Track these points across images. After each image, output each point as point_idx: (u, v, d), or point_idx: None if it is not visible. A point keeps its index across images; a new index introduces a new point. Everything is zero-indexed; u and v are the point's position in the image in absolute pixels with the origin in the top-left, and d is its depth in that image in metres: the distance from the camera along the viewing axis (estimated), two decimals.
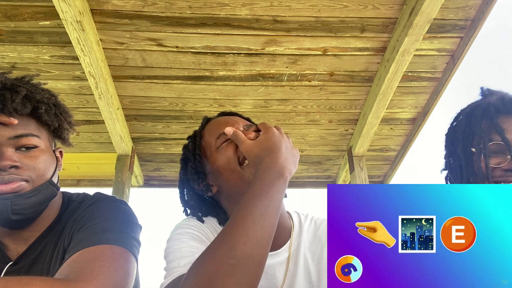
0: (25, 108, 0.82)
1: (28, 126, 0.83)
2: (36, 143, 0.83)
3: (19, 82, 0.85)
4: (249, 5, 1.95)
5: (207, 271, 0.58)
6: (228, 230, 0.63)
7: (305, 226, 0.90)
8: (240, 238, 0.60)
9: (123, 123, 2.56)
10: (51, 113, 0.88)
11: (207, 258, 0.60)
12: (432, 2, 1.74)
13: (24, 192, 0.79)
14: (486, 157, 0.83)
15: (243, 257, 0.59)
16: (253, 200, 0.66)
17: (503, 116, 0.86)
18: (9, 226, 0.83)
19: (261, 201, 0.65)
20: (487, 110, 0.89)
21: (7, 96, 0.80)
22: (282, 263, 0.83)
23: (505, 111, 0.87)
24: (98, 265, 0.69)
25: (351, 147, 2.77)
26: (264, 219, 0.64)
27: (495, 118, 0.86)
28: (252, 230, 0.62)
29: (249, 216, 0.63)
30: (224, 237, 0.62)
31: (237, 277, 0.57)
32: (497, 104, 0.88)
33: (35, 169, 0.81)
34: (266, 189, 0.67)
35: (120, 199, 0.93)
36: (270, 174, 0.70)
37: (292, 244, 0.86)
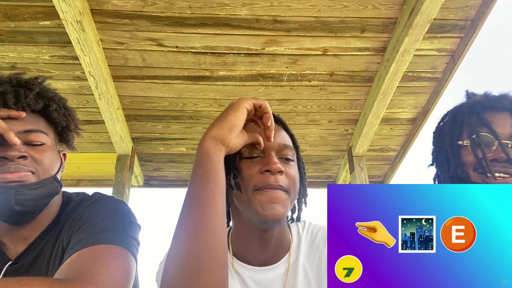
0: (37, 104, 0.85)
1: (38, 123, 0.86)
2: (43, 140, 0.85)
3: (33, 81, 0.89)
4: (249, 5, 1.95)
5: (164, 279, 0.61)
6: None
7: (303, 237, 0.88)
8: (182, 240, 0.62)
9: (123, 123, 2.56)
10: (61, 113, 0.91)
11: (164, 268, 0.63)
12: (432, 2, 1.74)
13: (29, 183, 0.80)
14: (479, 147, 0.88)
15: (189, 259, 0.59)
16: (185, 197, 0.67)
17: (488, 111, 0.91)
18: (10, 220, 0.83)
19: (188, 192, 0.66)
20: (473, 107, 0.94)
21: (21, 92, 0.84)
22: (280, 276, 0.81)
23: (490, 107, 0.92)
24: (97, 265, 0.69)
25: (351, 147, 2.78)
26: (191, 216, 0.63)
27: (481, 113, 0.91)
28: (188, 232, 0.62)
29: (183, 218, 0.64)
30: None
31: (189, 278, 0.58)
32: (482, 101, 0.94)
33: (42, 162, 0.83)
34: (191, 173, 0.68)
35: (119, 199, 0.93)
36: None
37: (291, 257, 0.84)
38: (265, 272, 0.81)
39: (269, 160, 0.75)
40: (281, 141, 0.80)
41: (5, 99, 0.81)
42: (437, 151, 1.04)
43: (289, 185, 0.76)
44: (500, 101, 0.93)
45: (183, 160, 2.99)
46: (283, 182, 0.75)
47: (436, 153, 1.04)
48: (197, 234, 0.60)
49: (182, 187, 3.22)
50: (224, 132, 0.70)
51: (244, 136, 0.75)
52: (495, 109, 0.92)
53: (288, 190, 0.76)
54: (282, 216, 0.75)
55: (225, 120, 0.72)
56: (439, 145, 1.02)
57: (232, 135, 0.71)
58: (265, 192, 0.74)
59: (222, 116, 0.73)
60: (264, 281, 0.80)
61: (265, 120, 0.76)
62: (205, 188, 0.65)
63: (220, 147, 0.70)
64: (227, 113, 0.73)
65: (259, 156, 0.78)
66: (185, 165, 3.04)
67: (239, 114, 0.73)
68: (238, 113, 0.73)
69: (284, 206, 0.75)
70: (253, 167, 0.76)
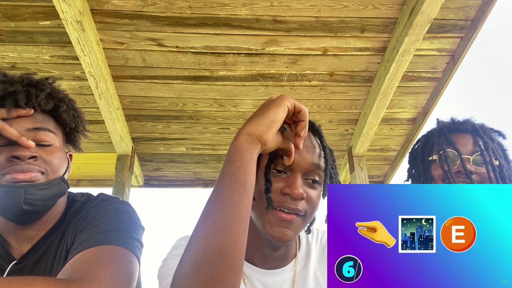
0: (47, 104, 0.87)
1: (48, 123, 0.87)
2: (52, 140, 0.86)
3: (43, 81, 0.90)
4: (249, 5, 1.95)
5: (177, 277, 0.58)
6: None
7: (313, 244, 0.86)
8: (198, 242, 0.58)
9: (123, 123, 2.56)
10: (70, 114, 0.93)
11: (178, 265, 0.60)
12: (432, 2, 1.74)
13: (38, 183, 0.80)
14: (445, 161, 1.04)
15: (204, 261, 0.56)
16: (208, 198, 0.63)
17: (453, 133, 1.10)
18: (17, 220, 0.84)
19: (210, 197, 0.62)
20: (441, 130, 1.12)
21: (32, 92, 0.85)
22: (288, 280, 0.80)
23: (455, 129, 1.10)
24: (100, 266, 0.69)
25: (351, 147, 2.78)
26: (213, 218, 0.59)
27: (448, 134, 1.09)
28: (207, 232, 0.58)
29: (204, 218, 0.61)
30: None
31: (202, 281, 0.55)
32: (449, 125, 1.13)
33: (51, 163, 0.84)
34: (218, 180, 0.63)
35: (124, 200, 0.94)
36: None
37: (298, 263, 0.82)
38: (272, 275, 0.80)
39: (294, 183, 0.71)
40: (312, 160, 0.74)
41: (16, 98, 0.82)
42: (411, 168, 1.20)
43: (308, 210, 0.73)
44: (464, 124, 1.11)
45: (183, 160, 3.00)
46: (302, 207, 0.71)
47: (410, 169, 1.21)
48: (216, 236, 0.57)
49: (182, 187, 3.22)
50: (262, 127, 0.65)
51: (279, 138, 0.70)
52: (459, 131, 1.10)
53: (305, 215, 0.73)
54: (290, 240, 0.72)
55: (265, 115, 0.66)
56: (413, 163, 1.19)
57: (270, 132, 0.65)
58: (279, 213, 0.70)
59: (261, 111, 0.67)
60: (272, 284, 0.79)
61: (300, 128, 0.70)
62: (232, 188, 0.60)
63: (255, 144, 0.64)
64: (267, 108, 0.67)
65: (284, 171, 0.73)
66: (185, 165, 3.04)
67: (280, 110, 0.67)
68: (279, 109, 0.67)
69: (295, 231, 0.72)
70: (275, 183, 0.71)
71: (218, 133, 2.75)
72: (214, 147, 2.89)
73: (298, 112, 0.70)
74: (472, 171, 1.01)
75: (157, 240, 16.20)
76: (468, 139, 1.07)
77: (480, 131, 1.07)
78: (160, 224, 22.17)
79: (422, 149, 1.16)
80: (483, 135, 1.07)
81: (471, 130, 1.08)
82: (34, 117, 0.84)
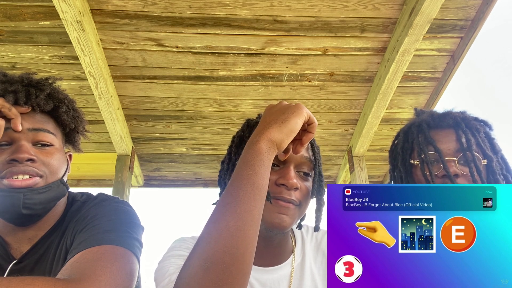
0: (47, 105, 0.86)
1: (47, 124, 0.87)
2: (51, 141, 0.86)
3: (44, 81, 0.90)
4: (249, 5, 1.95)
5: (184, 276, 0.58)
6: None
7: (307, 240, 0.89)
8: (209, 242, 0.58)
9: (123, 123, 2.56)
10: (70, 115, 0.92)
11: (185, 263, 0.59)
12: (432, 2, 1.74)
13: (37, 187, 0.80)
14: (427, 166, 0.95)
15: (214, 262, 0.56)
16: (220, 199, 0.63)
17: (433, 129, 1.00)
18: (16, 222, 0.83)
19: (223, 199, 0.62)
20: (420, 126, 1.02)
21: (32, 92, 0.84)
22: (285, 277, 0.81)
23: (435, 125, 1.01)
24: (100, 266, 0.69)
25: (351, 147, 2.78)
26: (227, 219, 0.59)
27: (427, 132, 0.99)
28: (217, 230, 0.58)
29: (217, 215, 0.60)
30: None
31: (212, 281, 0.55)
32: (428, 120, 1.02)
33: (50, 165, 0.83)
34: (231, 183, 0.62)
35: (123, 200, 0.93)
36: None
37: (295, 259, 0.84)
38: (269, 273, 0.81)
39: (287, 174, 0.74)
40: (303, 153, 0.78)
41: (16, 98, 0.82)
42: (393, 169, 1.10)
43: (302, 200, 0.77)
44: (444, 118, 1.00)
45: (183, 160, 3.00)
46: (296, 197, 0.75)
47: (393, 171, 1.11)
48: (228, 238, 0.57)
49: (182, 187, 3.22)
50: (282, 136, 0.66)
51: None
52: (439, 127, 1.00)
53: (300, 204, 0.76)
54: (288, 227, 0.75)
55: (285, 124, 0.67)
56: (394, 164, 1.09)
57: (288, 141, 0.67)
58: (276, 202, 0.73)
59: (282, 118, 0.68)
60: (269, 281, 0.80)
61: (306, 139, 0.72)
62: (249, 192, 0.60)
63: (274, 150, 0.66)
64: (287, 116, 0.68)
65: (277, 165, 0.76)
66: (185, 165, 3.04)
67: (299, 121, 0.68)
68: (299, 119, 0.68)
69: (292, 218, 0.75)
70: (270, 176, 0.72)
71: (218, 133, 2.75)
72: (214, 147, 2.89)
73: (310, 123, 0.72)
74: (458, 173, 0.91)
75: (157, 240, 16.19)
76: (450, 135, 0.97)
77: (463, 124, 0.97)
78: (160, 224, 22.10)
79: (402, 148, 1.06)
80: (466, 129, 0.96)
81: (453, 125, 0.98)
82: (34, 118, 0.84)
